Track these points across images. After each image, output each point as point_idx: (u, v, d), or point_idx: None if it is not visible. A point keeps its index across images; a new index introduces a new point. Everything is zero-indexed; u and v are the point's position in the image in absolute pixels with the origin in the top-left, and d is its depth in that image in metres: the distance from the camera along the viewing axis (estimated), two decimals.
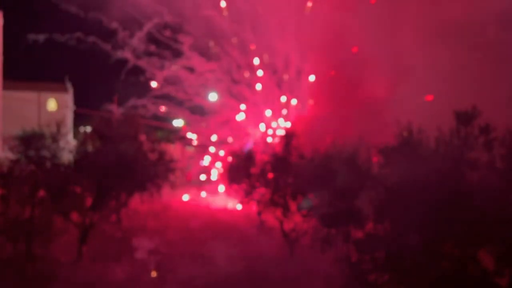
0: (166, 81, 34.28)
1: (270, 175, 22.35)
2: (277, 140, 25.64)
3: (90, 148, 19.75)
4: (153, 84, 34.11)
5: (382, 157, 13.32)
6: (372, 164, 13.58)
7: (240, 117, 34.67)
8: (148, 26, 32.70)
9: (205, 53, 34.25)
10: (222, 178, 30.75)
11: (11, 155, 16.92)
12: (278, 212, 21.69)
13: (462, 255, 12.40)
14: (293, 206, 21.27)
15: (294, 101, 34.58)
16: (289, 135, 23.12)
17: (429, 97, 22.46)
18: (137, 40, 33.05)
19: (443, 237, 12.39)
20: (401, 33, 23.48)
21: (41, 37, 34.17)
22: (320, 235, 15.35)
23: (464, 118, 12.46)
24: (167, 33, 33.49)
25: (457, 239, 12.28)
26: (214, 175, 34.40)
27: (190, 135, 35.12)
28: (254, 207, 24.41)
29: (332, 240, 14.54)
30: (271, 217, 22.26)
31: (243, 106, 34.73)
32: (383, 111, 22.10)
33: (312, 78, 33.35)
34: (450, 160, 12.72)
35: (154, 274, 18.26)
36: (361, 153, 14.62)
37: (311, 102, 34.20)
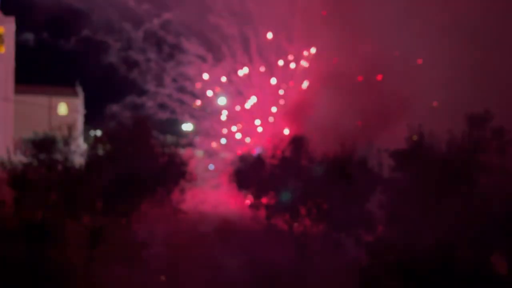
0: (174, 83, 34.51)
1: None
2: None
3: (100, 151, 19.88)
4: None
5: (394, 160, 13.24)
6: (383, 168, 13.51)
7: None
8: (152, 27, 32.95)
9: (210, 55, 34.48)
10: (231, 182, 30.71)
11: (23, 159, 17.09)
12: (287, 216, 21.60)
13: (475, 259, 12.26)
14: (302, 210, 21.17)
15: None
16: (298, 139, 23.05)
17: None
18: (143, 41, 33.36)
19: (455, 241, 12.26)
20: (413, 28, 22.55)
21: (51, 41, 34.72)
22: (330, 239, 15.28)
23: (477, 121, 12.34)
24: (173, 35, 33.78)
25: (469, 243, 12.16)
26: (223, 178, 34.38)
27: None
28: (263, 211, 24.33)
29: (343, 244, 14.46)
30: (280, 221, 22.17)
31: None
32: (393, 111, 21.49)
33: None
34: (463, 163, 12.60)
35: (163, 278, 18.29)
36: (371, 156, 14.55)
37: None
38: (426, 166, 12.39)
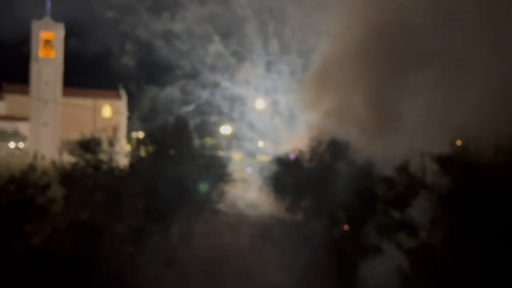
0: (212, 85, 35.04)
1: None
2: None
3: (143, 153, 20.47)
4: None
5: (437, 165, 12.88)
6: (426, 172, 13.17)
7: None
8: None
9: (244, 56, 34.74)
10: (268, 185, 30.74)
11: (71, 158, 17.87)
12: (326, 220, 21.45)
13: None
14: (340, 214, 20.96)
15: None
16: (335, 142, 22.88)
17: None
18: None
19: (501, 249, 11.78)
20: (455, 22, 21.30)
21: (97, 45, 36.18)
22: (370, 244, 15.05)
23: None
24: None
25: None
26: (261, 181, 34.50)
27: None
28: (300, 215, 24.26)
29: (383, 250, 14.20)
30: (318, 225, 22.03)
31: None
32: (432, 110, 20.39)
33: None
34: (507, 168, 12.09)
35: (201, 277, 18.53)
36: (414, 160, 14.22)
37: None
38: (472, 172, 11.97)
